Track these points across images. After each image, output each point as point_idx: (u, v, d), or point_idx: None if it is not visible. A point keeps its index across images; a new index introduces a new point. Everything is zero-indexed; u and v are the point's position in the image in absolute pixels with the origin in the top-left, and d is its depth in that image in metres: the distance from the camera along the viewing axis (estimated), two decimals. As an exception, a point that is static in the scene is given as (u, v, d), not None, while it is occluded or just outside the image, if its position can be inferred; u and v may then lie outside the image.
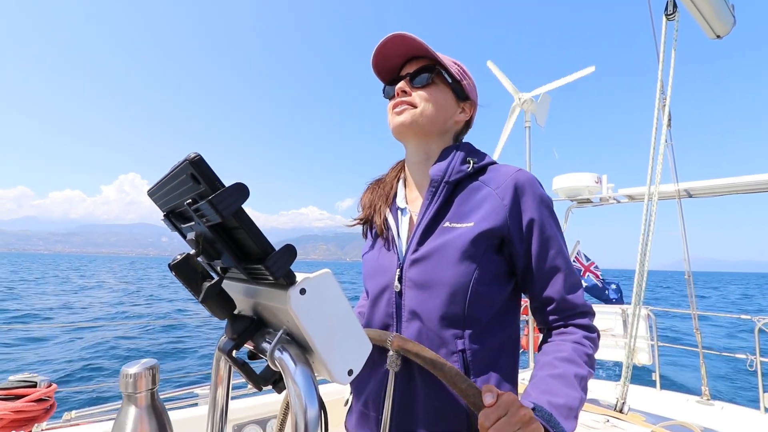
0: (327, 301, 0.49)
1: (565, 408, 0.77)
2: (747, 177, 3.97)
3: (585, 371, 0.83)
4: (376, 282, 0.97)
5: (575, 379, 0.81)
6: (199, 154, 0.43)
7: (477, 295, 0.86)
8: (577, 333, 0.88)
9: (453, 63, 1.01)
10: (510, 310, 0.93)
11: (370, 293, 1.00)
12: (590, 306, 0.91)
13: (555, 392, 0.79)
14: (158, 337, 12.23)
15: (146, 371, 0.59)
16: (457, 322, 0.86)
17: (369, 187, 1.12)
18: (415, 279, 0.90)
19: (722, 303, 36.62)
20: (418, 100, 0.97)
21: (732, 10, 3.04)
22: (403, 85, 0.98)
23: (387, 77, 1.05)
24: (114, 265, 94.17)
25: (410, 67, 1.00)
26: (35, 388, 1.25)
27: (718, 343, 13.54)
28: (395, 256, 0.95)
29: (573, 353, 0.84)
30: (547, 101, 6.91)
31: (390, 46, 0.98)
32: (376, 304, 0.96)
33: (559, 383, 0.80)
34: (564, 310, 0.89)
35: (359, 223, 1.10)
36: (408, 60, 1.01)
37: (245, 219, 0.45)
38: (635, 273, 2.87)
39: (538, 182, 0.93)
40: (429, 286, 0.88)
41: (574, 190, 5.13)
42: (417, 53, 0.99)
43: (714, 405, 3.71)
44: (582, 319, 0.89)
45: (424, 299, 0.88)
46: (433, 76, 0.97)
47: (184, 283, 0.51)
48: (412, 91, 0.97)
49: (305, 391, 0.46)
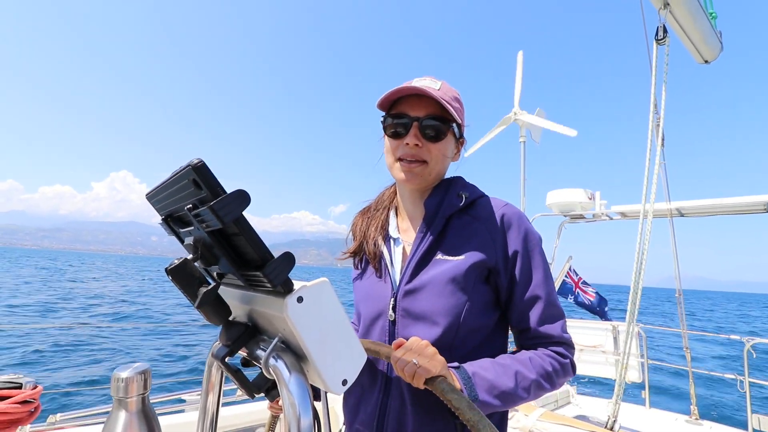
0: (324, 310, 0.49)
1: (488, 382, 0.80)
2: (737, 198, 4.03)
3: (532, 376, 0.85)
4: (369, 308, 1.00)
5: (515, 374, 0.84)
6: (201, 160, 0.43)
7: (467, 324, 0.89)
8: (543, 351, 0.91)
9: (455, 99, 0.98)
10: (497, 333, 0.96)
11: (364, 318, 1.02)
12: (568, 338, 0.93)
13: (486, 369, 0.83)
14: (149, 340, 12.04)
15: (138, 375, 0.58)
16: (446, 348, 0.89)
17: (360, 215, 1.14)
18: (409, 309, 0.92)
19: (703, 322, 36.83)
20: (428, 156, 0.96)
21: (720, 36, 3.12)
22: (416, 139, 0.94)
23: (386, 105, 1.01)
24: (100, 262, 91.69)
25: (418, 109, 0.96)
26: (20, 389, 1.22)
27: (708, 363, 13.58)
28: (389, 285, 0.98)
29: (527, 360, 0.87)
30: (542, 117, 6.99)
31: (409, 96, 0.96)
32: (370, 330, 0.99)
33: (496, 367, 0.84)
34: (539, 338, 0.92)
35: (351, 255, 1.11)
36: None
37: (245, 226, 0.45)
38: (630, 290, 2.88)
39: (525, 217, 0.97)
40: (422, 317, 0.91)
41: (567, 205, 5.17)
42: (436, 112, 0.95)
43: (702, 425, 3.71)
44: (556, 347, 0.92)
45: (417, 328, 0.91)
46: (447, 131, 0.96)
47: (180, 288, 0.51)
48: (422, 143, 0.95)
49: (299, 399, 0.46)
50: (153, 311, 18.94)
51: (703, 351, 15.65)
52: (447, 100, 0.94)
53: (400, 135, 0.96)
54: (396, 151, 0.98)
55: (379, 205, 1.13)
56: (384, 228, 1.07)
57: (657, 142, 2.83)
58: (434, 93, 0.92)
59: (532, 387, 0.85)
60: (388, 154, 1.01)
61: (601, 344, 4.60)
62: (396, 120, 0.97)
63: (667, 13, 2.78)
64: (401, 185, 1.05)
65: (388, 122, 0.98)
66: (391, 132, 0.98)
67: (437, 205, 0.98)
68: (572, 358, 0.93)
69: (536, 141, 7.02)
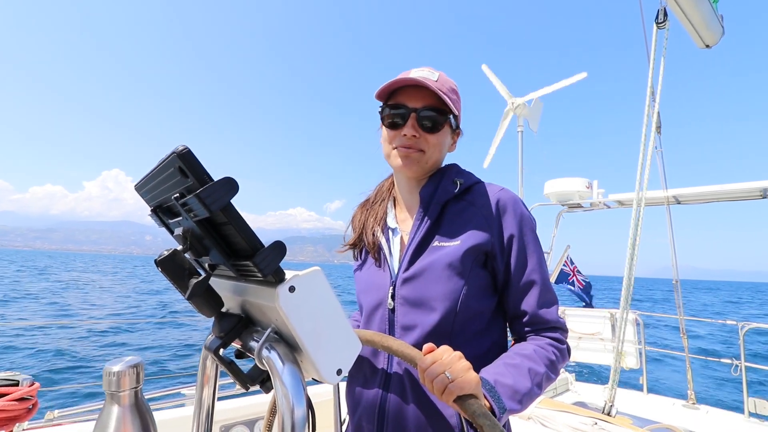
0: (316, 299, 0.49)
1: (510, 388, 0.79)
2: (734, 185, 4.04)
3: (542, 369, 0.85)
4: (369, 298, 1.00)
5: (528, 372, 0.83)
6: (187, 147, 0.42)
7: (466, 308, 0.90)
8: (543, 340, 0.91)
9: (452, 91, 0.98)
10: (496, 319, 0.97)
11: (365, 309, 1.03)
12: (563, 323, 0.94)
13: (504, 374, 0.81)
14: (146, 334, 12.07)
15: (130, 369, 0.57)
16: (445, 334, 0.89)
17: (360, 208, 1.15)
18: (407, 296, 0.93)
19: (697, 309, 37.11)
20: (426, 146, 0.97)
21: (721, 20, 3.10)
22: (414, 129, 0.95)
23: (384, 96, 1.01)
24: (93, 263, 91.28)
25: (416, 99, 0.96)
26: (17, 386, 1.22)
27: (705, 347, 13.72)
28: (387, 274, 0.98)
29: (533, 353, 0.87)
30: (540, 107, 6.97)
31: (407, 86, 0.96)
32: (371, 320, 1.00)
33: (510, 370, 0.83)
34: (535, 324, 0.92)
35: (351, 248, 1.11)
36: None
37: (234, 214, 0.44)
38: (624, 277, 2.89)
39: (520, 202, 0.97)
40: (420, 303, 0.91)
41: (565, 194, 5.17)
42: (433, 103, 0.96)
43: (699, 409, 3.76)
44: (552, 333, 0.92)
45: (416, 315, 0.91)
46: (444, 122, 0.97)
47: (170, 280, 0.50)
48: (419, 134, 0.96)
49: (293, 390, 0.45)
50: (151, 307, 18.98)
51: (699, 336, 15.81)
52: (444, 91, 0.94)
53: (398, 125, 0.97)
54: (393, 141, 0.99)
55: (377, 197, 1.13)
56: (382, 219, 1.07)
57: (652, 127, 2.82)
58: (432, 84, 0.92)
59: (543, 381, 0.85)
60: (386, 144, 1.01)
61: (599, 332, 4.63)
62: (393, 110, 0.97)
63: (669, -5, 2.75)
64: (398, 173, 1.06)
65: (386, 113, 0.99)
66: (389, 122, 0.98)
67: (433, 193, 0.98)
68: (567, 342, 0.94)
69: (534, 130, 7.00)
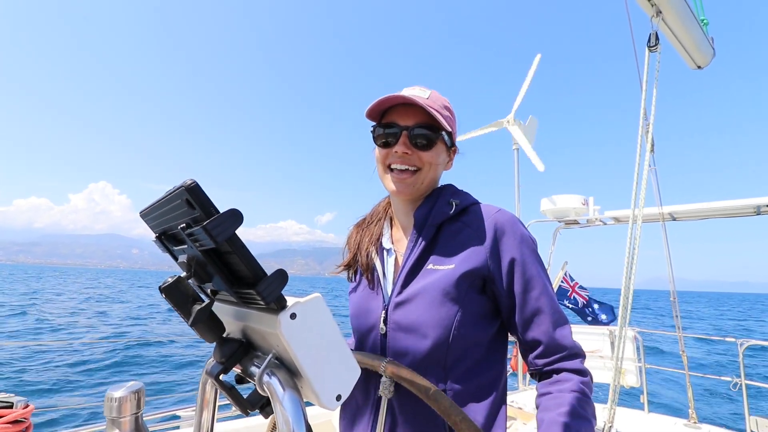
0: (317, 326, 0.50)
1: None
2: (729, 202, 4.08)
3: (590, 427, 0.80)
4: (361, 323, 0.98)
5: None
6: (195, 181, 0.44)
7: (459, 336, 0.87)
8: (573, 379, 0.84)
9: (445, 108, 0.97)
10: (496, 348, 0.93)
11: (356, 333, 1.01)
12: (579, 347, 0.89)
13: None
14: (141, 353, 11.89)
15: (131, 395, 0.58)
16: (439, 363, 0.87)
17: (355, 228, 1.12)
18: (399, 321, 0.90)
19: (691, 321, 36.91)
20: (419, 164, 0.95)
21: (711, 42, 3.18)
22: (405, 147, 0.94)
23: (376, 116, 1.00)
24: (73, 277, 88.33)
25: (407, 117, 0.95)
26: (11, 408, 1.21)
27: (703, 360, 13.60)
28: (380, 297, 0.97)
29: (577, 407, 0.81)
30: (535, 125, 7.06)
31: (398, 105, 0.96)
32: (362, 345, 0.97)
33: None
34: (553, 353, 0.87)
35: (344, 269, 1.09)
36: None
37: (238, 244, 0.45)
38: (620, 294, 2.89)
39: (519, 222, 0.94)
40: (412, 329, 0.88)
41: (562, 211, 5.20)
42: (425, 120, 0.95)
43: (701, 428, 3.71)
44: (573, 362, 0.87)
45: (408, 341, 0.89)
46: (437, 140, 0.96)
47: (174, 306, 0.51)
48: (412, 151, 0.95)
49: (293, 416, 0.46)
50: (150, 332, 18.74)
51: (698, 353, 15.68)
52: (436, 108, 0.93)
53: (390, 144, 0.96)
54: (386, 160, 0.97)
55: (373, 217, 1.11)
56: (377, 239, 1.05)
57: (647, 147, 2.86)
58: (422, 101, 0.91)
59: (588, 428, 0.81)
60: (379, 164, 1.00)
61: (599, 349, 4.60)
62: (386, 129, 0.96)
63: (660, 20, 2.83)
64: (394, 196, 1.05)
65: (378, 132, 0.98)
66: (381, 142, 0.98)
67: (426, 214, 0.97)
68: (586, 368, 0.88)
69: (530, 147, 7.05)
